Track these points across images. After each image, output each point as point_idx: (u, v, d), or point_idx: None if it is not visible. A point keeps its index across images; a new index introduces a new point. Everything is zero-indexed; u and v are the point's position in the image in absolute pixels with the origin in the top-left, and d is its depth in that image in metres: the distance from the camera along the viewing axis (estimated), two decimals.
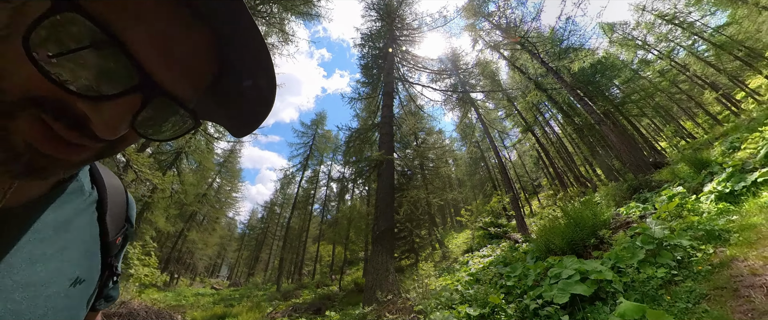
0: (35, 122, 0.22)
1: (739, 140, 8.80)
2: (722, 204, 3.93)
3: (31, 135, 0.22)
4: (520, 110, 17.75)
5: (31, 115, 0.22)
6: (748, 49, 23.10)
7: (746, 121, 13.59)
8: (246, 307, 11.47)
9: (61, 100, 0.22)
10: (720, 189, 4.61)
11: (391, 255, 7.09)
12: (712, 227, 3.10)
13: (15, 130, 0.22)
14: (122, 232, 0.47)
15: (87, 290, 0.38)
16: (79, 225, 0.37)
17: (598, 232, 3.72)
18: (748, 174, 4.39)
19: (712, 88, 23.05)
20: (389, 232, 7.36)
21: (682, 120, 25.73)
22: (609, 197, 9.13)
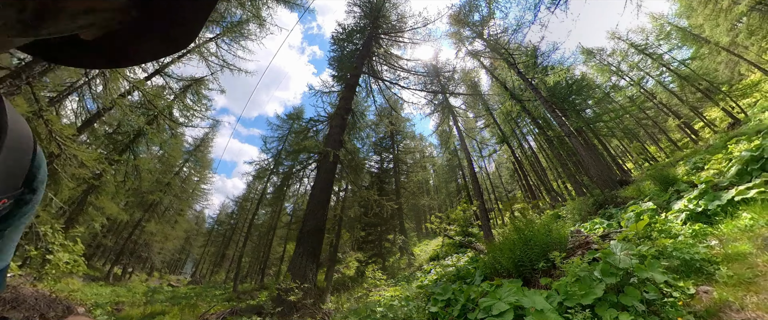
0: None
1: (702, 161, 8.53)
2: (698, 225, 3.23)
3: None
4: (498, 121, 17.37)
5: None
6: (708, 82, 24.16)
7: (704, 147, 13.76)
8: (180, 306, 10.03)
9: None
10: (691, 207, 3.95)
11: (314, 258, 6.10)
12: (692, 256, 2.33)
13: None
14: (11, 195, 0.31)
15: None
16: None
17: (549, 254, 2.88)
18: (722, 193, 3.75)
19: (675, 116, 23.83)
20: (317, 233, 6.36)
21: (647, 144, 26.46)
22: (575, 212, 8.55)
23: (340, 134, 7.44)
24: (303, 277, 5.87)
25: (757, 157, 4.08)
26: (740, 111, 21.00)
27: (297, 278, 5.88)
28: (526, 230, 3.42)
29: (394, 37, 15.14)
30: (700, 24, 23.42)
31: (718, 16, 21.72)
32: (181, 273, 33.97)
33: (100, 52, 0.28)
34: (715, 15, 21.82)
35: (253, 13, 13.38)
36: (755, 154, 4.09)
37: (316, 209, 6.70)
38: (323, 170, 7.27)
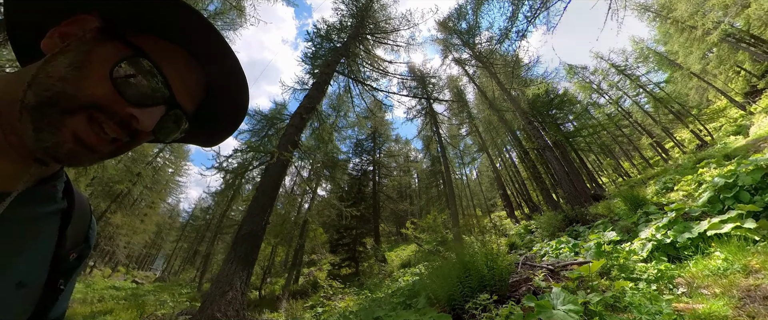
0: (90, 120, 0.31)
1: (671, 181, 8.27)
2: (664, 265, 2.67)
3: (82, 129, 0.31)
4: (479, 129, 17.01)
5: (89, 115, 0.31)
6: (680, 105, 24.77)
7: (674, 166, 13.80)
8: (126, 306, 8.98)
9: (115, 108, 0.32)
10: (659, 237, 3.43)
11: (246, 265, 5.35)
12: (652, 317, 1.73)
13: (69, 124, 0.30)
14: (78, 250, 0.44)
15: (26, 298, 0.35)
16: (42, 228, 0.36)
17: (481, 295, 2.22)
18: (693, 224, 3.23)
19: (649, 135, 24.25)
20: (252, 238, 5.61)
21: (621, 160, 26.85)
22: (544, 227, 8.08)
23: (296, 134, 6.70)
24: (229, 285, 5.08)
25: (731, 184, 3.63)
26: (708, 134, 21.50)
27: (223, 286, 5.09)
28: (467, 257, 2.78)
29: (379, 38, 14.51)
30: (675, 50, 24.03)
31: (691, 44, 22.28)
32: (150, 269, 31.92)
33: None
34: (689, 43, 22.39)
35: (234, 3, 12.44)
36: (729, 181, 3.64)
37: (256, 213, 5.92)
38: (270, 172, 6.49)
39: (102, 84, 0.31)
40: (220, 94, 0.43)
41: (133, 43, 0.35)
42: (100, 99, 0.31)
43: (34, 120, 0.29)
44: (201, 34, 0.37)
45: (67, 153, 0.31)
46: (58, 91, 0.30)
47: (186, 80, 0.39)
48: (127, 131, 0.34)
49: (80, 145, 0.31)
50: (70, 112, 0.30)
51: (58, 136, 0.30)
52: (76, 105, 0.30)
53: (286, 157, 6.15)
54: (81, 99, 0.30)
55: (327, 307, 7.64)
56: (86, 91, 0.31)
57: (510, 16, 8.02)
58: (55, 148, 0.30)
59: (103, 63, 0.32)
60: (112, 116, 0.32)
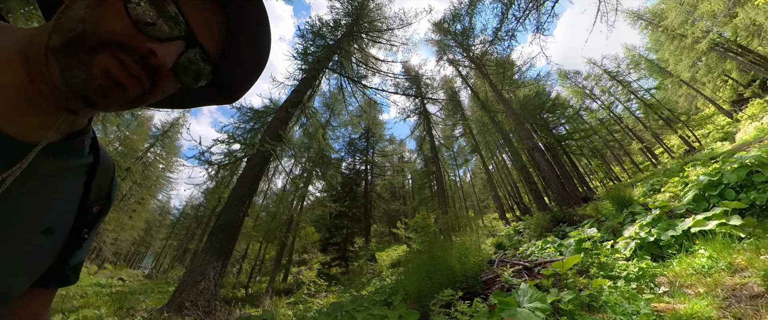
0: (113, 58, 0.31)
1: (659, 183, 8.19)
2: (646, 262, 2.50)
3: (110, 64, 0.31)
4: (472, 131, 16.90)
5: (111, 53, 0.31)
6: (670, 111, 25.02)
7: (662, 170, 13.82)
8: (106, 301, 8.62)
9: (134, 44, 0.32)
10: (643, 235, 3.26)
11: (220, 257, 5.12)
12: (629, 318, 1.54)
13: (97, 60, 0.31)
14: (101, 203, 0.46)
15: (53, 245, 0.37)
16: (69, 182, 0.38)
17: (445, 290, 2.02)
18: (677, 221, 3.07)
19: (639, 140, 24.41)
20: (229, 229, 5.38)
21: (612, 164, 26.99)
22: (533, 228, 7.92)
23: (280, 128, 6.45)
24: (202, 275, 4.84)
25: (716, 182, 3.50)
26: (696, 140, 21.69)
27: (195, 275, 4.84)
28: (438, 253, 2.57)
29: (373, 37, 14.36)
30: (666, 58, 24.32)
31: (681, 52, 22.55)
32: (139, 267, 31.11)
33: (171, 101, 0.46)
34: (679, 51, 22.66)
35: None
36: (714, 179, 3.50)
37: (234, 204, 5.68)
38: (250, 164, 6.27)
39: (119, 19, 0.31)
40: (241, 34, 0.40)
41: None
42: (119, 35, 0.31)
43: (60, 60, 0.30)
44: None
45: (97, 89, 0.31)
46: (80, 31, 0.30)
47: (205, 17, 0.37)
48: (147, 70, 0.33)
49: (110, 80, 0.31)
50: (95, 49, 0.30)
51: (87, 72, 0.30)
52: (97, 42, 0.30)
53: (266, 149, 5.91)
54: (101, 36, 0.31)
55: (309, 304, 7.39)
56: (105, 27, 0.31)
57: (500, 16, 7.92)
58: (84, 83, 0.30)
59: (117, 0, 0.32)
60: (132, 53, 0.32)
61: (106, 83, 0.31)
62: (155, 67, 0.33)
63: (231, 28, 0.40)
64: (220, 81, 0.43)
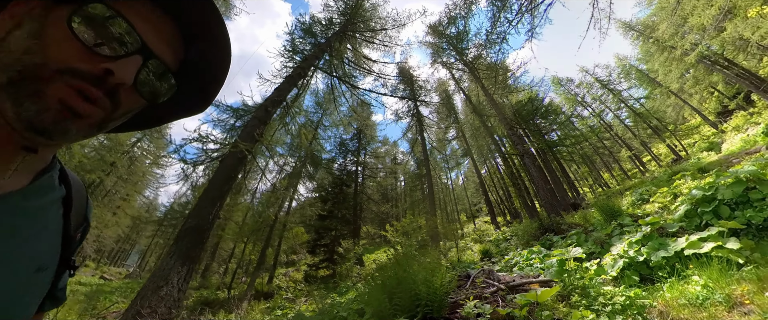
0: (68, 86, 0.29)
1: (647, 193, 8.02)
2: (634, 291, 2.19)
3: (65, 92, 0.29)
4: (465, 134, 16.67)
5: (66, 81, 0.29)
6: (658, 120, 25.26)
7: (650, 178, 13.79)
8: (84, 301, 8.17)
9: (86, 68, 0.30)
10: (632, 254, 2.98)
11: (186, 260, 4.73)
12: None
13: (51, 90, 0.28)
14: (81, 229, 0.47)
15: (46, 278, 0.39)
16: (49, 217, 0.38)
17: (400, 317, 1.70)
18: (669, 240, 2.78)
19: (628, 148, 24.55)
20: (197, 233, 4.99)
21: (602, 171, 27.11)
22: (520, 235, 7.65)
23: (257, 127, 6.05)
24: (165, 280, 4.43)
25: (710, 197, 3.24)
26: (682, 149, 21.87)
27: (158, 280, 4.43)
28: (401, 273, 2.25)
29: (367, 37, 14.01)
30: (656, 69, 24.54)
31: (671, 63, 22.75)
32: (123, 264, 30.02)
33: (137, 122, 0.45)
34: (668, 62, 22.86)
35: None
36: (707, 194, 3.25)
37: (204, 205, 5.28)
38: (224, 164, 5.88)
39: (67, 43, 0.29)
40: (196, 41, 0.38)
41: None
42: (70, 59, 0.29)
43: (10, 95, 0.28)
44: None
45: (53, 121, 0.29)
46: (27, 64, 0.28)
47: (158, 28, 0.35)
48: (106, 90, 0.31)
49: (66, 109, 0.29)
50: (47, 80, 0.28)
51: (41, 103, 0.28)
52: (49, 72, 0.28)
53: (241, 149, 5.52)
54: (52, 65, 0.28)
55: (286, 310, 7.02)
56: (54, 55, 0.29)
57: (492, 18, 7.66)
58: (39, 115, 0.28)
59: (60, 22, 0.30)
60: (87, 77, 0.30)
61: (63, 114, 0.29)
62: (114, 86, 0.31)
63: (185, 36, 0.38)
64: (184, 92, 0.41)
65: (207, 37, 0.38)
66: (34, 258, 0.35)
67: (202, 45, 0.39)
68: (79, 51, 0.29)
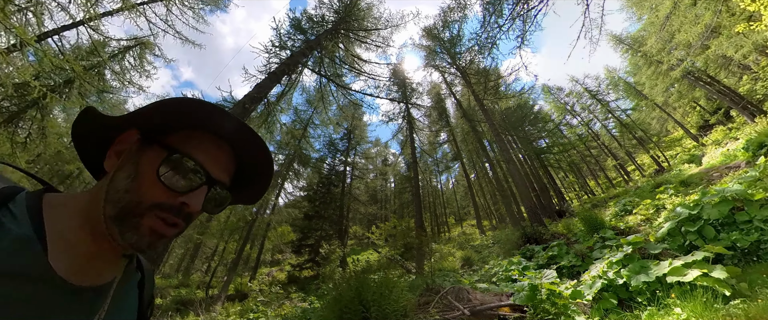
0: (156, 217, 0.39)
1: (631, 204, 7.89)
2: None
3: (155, 224, 0.39)
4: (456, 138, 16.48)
5: (156, 214, 0.39)
6: (643, 132, 25.66)
7: (633, 187, 13.84)
8: None
9: (170, 203, 0.40)
10: (611, 276, 2.72)
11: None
12: None
13: (145, 222, 0.39)
14: (150, 306, 0.57)
15: None
16: (130, 299, 0.49)
17: None
18: (651, 264, 2.52)
19: (613, 157, 24.84)
20: None
21: (588, 178, 27.39)
22: (502, 243, 7.42)
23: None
24: None
25: (695, 216, 3.01)
26: (665, 160, 22.21)
27: None
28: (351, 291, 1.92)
29: (360, 37, 13.64)
30: (643, 82, 24.89)
31: (657, 77, 23.09)
32: None
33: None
34: (655, 76, 23.20)
35: None
36: (693, 213, 3.02)
37: None
38: None
39: (155, 186, 0.39)
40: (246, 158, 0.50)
41: (169, 144, 0.42)
42: (158, 198, 0.39)
43: (118, 226, 0.38)
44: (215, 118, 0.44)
45: (148, 243, 0.39)
46: (127, 201, 0.38)
47: (217, 158, 0.45)
48: (182, 215, 0.41)
49: (155, 236, 0.40)
50: (141, 214, 0.38)
51: (138, 233, 0.38)
52: (143, 208, 0.38)
53: None
54: (145, 203, 0.39)
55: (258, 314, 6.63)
56: (146, 195, 0.39)
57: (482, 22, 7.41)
58: (138, 242, 0.39)
59: (149, 168, 0.40)
60: (170, 209, 0.40)
61: (152, 239, 0.39)
62: (189, 213, 0.41)
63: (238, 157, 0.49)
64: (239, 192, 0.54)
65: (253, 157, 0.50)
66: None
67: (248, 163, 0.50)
68: (163, 191, 0.39)
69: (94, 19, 12.69)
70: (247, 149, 0.48)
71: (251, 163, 0.50)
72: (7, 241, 0.32)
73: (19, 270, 0.32)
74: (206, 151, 0.44)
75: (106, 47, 13.20)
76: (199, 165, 0.42)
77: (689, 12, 13.44)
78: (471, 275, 6.32)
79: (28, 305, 0.32)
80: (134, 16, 12.60)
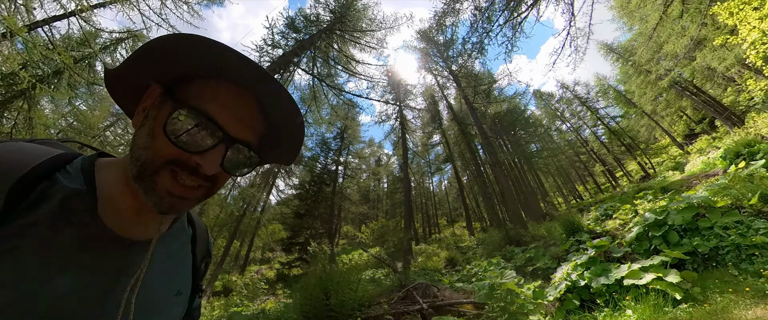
0: (170, 176, 0.37)
1: (612, 208, 7.97)
2: None
3: (169, 184, 0.37)
4: (448, 140, 16.51)
5: (168, 170, 0.37)
6: (631, 139, 26.06)
7: (619, 193, 14.04)
8: None
9: (183, 159, 0.37)
10: (574, 278, 2.72)
11: None
12: None
13: (159, 181, 0.36)
14: (205, 261, 0.58)
15: (184, 301, 0.50)
16: (182, 254, 0.50)
17: None
18: (612, 267, 2.53)
19: (602, 163, 25.18)
20: None
21: (576, 183, 27.70)
22: (486, 244, 7.43)
23: None
24: None
25: (661, 221, 3.04)
26: (651, 167, 22.58)
27: None
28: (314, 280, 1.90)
29: (354, 37, 13.61)
30: (632, 90, 25.30)
31: (646, 86, 23.48)
32: None
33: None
34: (644, 85, 23.59)
35: None
36: (659, 218, 3.05)
37: None
38: None
39: (164, 142, 0.36)
40: (272, 111, 0.44)
41: (177, 98, 0.38)
42: (168, 155, 0.36)
43: (140, 185, 0.37)
44: (232, 62, 0.38)
45: (169, 206, 0.37)
46: (145, 158, 0.36)
47: (235, 112, 0.40)
48: (201, 176, 0.38)
49: (173, 196, 0.37)
50: (156, 172, 0.36)
51: (156, 195, 0.36)
52: (156, 166, 0.36)
53: None
54: (157, 160, 0.36)
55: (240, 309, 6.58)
56: (159, 152, 0.36)
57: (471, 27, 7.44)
58: (159, 205, 0.37)
59: (160, 124, 0.37)
60: (184, 167, 0.37)
61: (171, 200, 0.37)
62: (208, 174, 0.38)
63: (263, 114, 0.43)
64: (272, 152, 0.51)
65: (282, 108, 0.44)
66: (173, 283, 0.46)
67: (277, 116, 0.45)
68: (173, 148, 0.36)
69: (86, 11, 12.41)
70: (273, 100, 0.43)
71: (280, 117, 0.45)
72: (61, 195, 0.35)
73: (72, 220, 0.35)
74: (223, 104, 0.39)
75: (98, 38, 12.95)
76: (212, 121, 0.37)
77: (676, 24, 13.67)
78: (453, 275, 6.32)
79: (80, 251, 0.35)
80: (127, 9, 12.33)
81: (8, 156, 0.35)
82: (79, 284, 0.34)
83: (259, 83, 0.40)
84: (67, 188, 0.36)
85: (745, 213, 2.70)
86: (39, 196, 0.34)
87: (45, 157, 0.37)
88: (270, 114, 0.44)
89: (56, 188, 0.35)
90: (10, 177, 0.32)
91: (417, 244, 16.96)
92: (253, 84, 0.41)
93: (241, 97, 0.40)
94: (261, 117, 0.43)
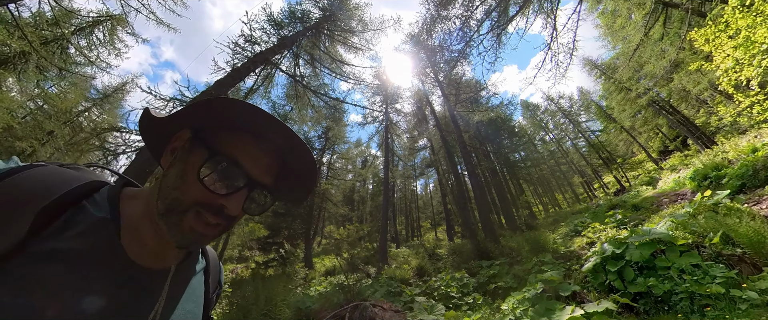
0: (197, 216, 0.39)
1: (582, 225, 7.84)
2: None
3: (195, 223, 0.40)
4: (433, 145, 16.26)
5: (195, 211, 0.39)
6: (609, 153, 26.59)
7: (595, 205, 14.13)
8: None
9: (209, 201, 0.40)
10: (518, 314, 2.37)
11: None
12: None
13: (185, 220, 0.39)
14: (216, 292, 0.59)
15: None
16: (195, 284, 0.51)
17: None
18: (557, 307, 2.21)
19: (581, 175, 25.57)
20: None
21: (556, 192, 28.07)
22: (457, 254, 7.13)
23: None
24: None
25: (619, 255, 2.76)
26: (627, 181, 23.05)
27: None
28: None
29: (342, 37, 13.10)
30: (612, 106, 25.80)
31: (626, 103, 23.96)
32: None
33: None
34: (624, 102, 24.06)
35: None
36: (617, 252, 2.77)
37: None
38: (139, 157, 4.84)
39: (196, 186, 0.39)
40: (290, 160, 0.48)
41: (211, 146, 0.42)
42: (198, 198, 0.39)
43: (164, 222, 0.39)
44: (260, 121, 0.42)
45: (189, 242, 0.40)
46: (174, 198, 0.39)
47: (258, 159, 0.44)
48: (223, 216, 0.41)
49: (195, 234, 0.40)
50: (184, 212, 0.39)
51: (180, 232, 0.39)
52: (185, 206, 0.39)
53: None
54: (187, 201, 0.39)
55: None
56: (188, 194, 0.39)
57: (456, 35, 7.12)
58: (181, 240, 0.40)
59: (193, 168, 0.40)
60: (209, 209, 0.40)
61: (193, 237, 0.40)
62: (229, 215, 0.41)
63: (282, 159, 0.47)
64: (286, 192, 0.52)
65: (296, 155, 0.47)
66: (186, 311, 0.46)
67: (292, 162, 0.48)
68: (203, 191, 0.39)
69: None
70: (291, 152, 0.47)
71: (296, 165, 0.48)
72: (87, 222, 0.37)
73: (95, 247, 0.36)
74: (249, 153, 0.43)
75: (74, 19, 11.93)
76: (239, 167, 0.41)
77: (656, 46, 13.77)
78: (419, 285, 6.00)
79: (101, 278, 0.36)
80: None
81: (40, 180, 0.36)
82: (98, 309, 0.35)
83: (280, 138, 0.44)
84: (94, 216, 0.38)
85: (705, 253, 2.45)
86: (66, 222, 0.36)
87: (76, 184, 0.38)
88: (287, 160, 0.48)
89: (83, 215, 0.37)
90: (38, 203, 0.34)
91: (397, 247, 16.63)
92: (275, 139, 0.44)
93: (264, 148, 0.44)
94: (277, 163, 0.46)
